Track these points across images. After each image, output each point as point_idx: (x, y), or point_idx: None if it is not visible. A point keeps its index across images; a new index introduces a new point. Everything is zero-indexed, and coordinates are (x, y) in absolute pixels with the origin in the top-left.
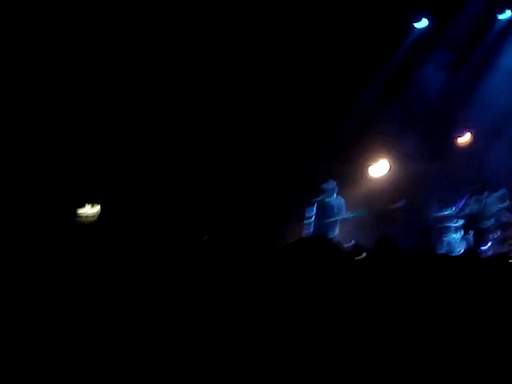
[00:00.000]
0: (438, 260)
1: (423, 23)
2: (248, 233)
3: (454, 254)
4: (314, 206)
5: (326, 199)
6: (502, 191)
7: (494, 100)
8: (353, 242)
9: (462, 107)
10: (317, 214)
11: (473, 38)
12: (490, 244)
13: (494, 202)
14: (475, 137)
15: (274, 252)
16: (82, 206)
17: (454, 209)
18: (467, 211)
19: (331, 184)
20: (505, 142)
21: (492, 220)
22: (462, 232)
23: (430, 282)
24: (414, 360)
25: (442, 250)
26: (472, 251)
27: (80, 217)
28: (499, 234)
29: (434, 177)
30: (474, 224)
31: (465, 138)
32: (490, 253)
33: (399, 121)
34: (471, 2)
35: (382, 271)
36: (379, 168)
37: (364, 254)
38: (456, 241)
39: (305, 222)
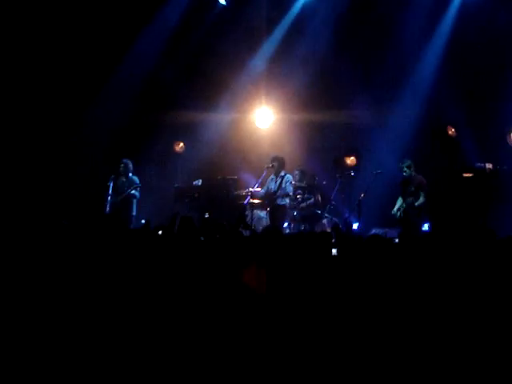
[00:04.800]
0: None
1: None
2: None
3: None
4: (110, 184)
5: (120, 178)
6: (297, 171)
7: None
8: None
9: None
10: (112, 193)
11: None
12: (287, 222)
13: (290, 180)
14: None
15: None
16: None
17: (251, 187)
18: (263, 190)
19: (125, 163)
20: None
21: (288, 198)
22: (261, 210)
23: (231, 258)
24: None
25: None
26: (275, 228)
27: None
28: (296, 212)
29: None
30: (271, 202)
31: None
32: (288, 231)
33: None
34: None
35: (178, 247)
36: (179, 148)
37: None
38: (255, 218)
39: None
